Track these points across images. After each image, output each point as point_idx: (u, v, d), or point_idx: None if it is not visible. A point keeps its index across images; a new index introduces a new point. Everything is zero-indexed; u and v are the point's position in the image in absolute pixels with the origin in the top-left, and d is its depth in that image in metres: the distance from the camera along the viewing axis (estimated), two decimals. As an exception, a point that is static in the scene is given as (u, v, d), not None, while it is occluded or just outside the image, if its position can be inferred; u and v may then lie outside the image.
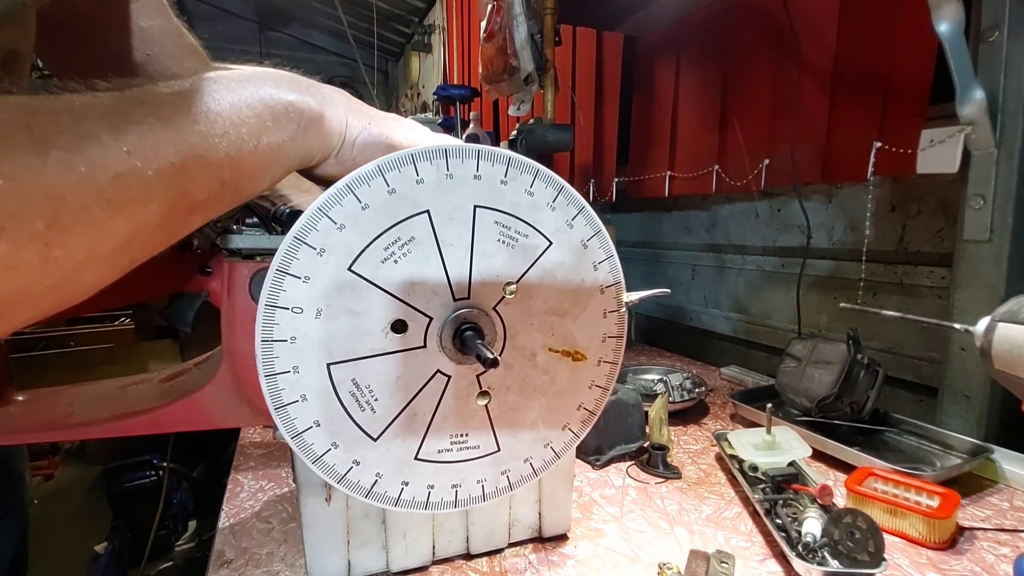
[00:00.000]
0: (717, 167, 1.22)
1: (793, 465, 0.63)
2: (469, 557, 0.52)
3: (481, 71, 1.25)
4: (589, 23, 1.45)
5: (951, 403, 0.79)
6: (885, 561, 0.47)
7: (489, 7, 1.15)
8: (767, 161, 1.10)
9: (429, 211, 0.37)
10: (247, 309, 0.38)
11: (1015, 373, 0.43)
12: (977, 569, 0.50)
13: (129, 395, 0.46)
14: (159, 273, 0.45)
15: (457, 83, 2.18)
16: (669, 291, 0.50)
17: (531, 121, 1.17)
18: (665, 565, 0.49)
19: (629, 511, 0.61)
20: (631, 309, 0.46)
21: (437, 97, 1.60)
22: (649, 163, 1.45)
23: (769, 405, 0.69)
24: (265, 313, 0.35)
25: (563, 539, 0.55)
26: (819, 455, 0.73)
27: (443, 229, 0.38)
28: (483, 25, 1.18)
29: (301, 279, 0.35)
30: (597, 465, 0.71)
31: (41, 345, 1.66)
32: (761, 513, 0.56)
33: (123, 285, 0.28)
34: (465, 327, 0.39)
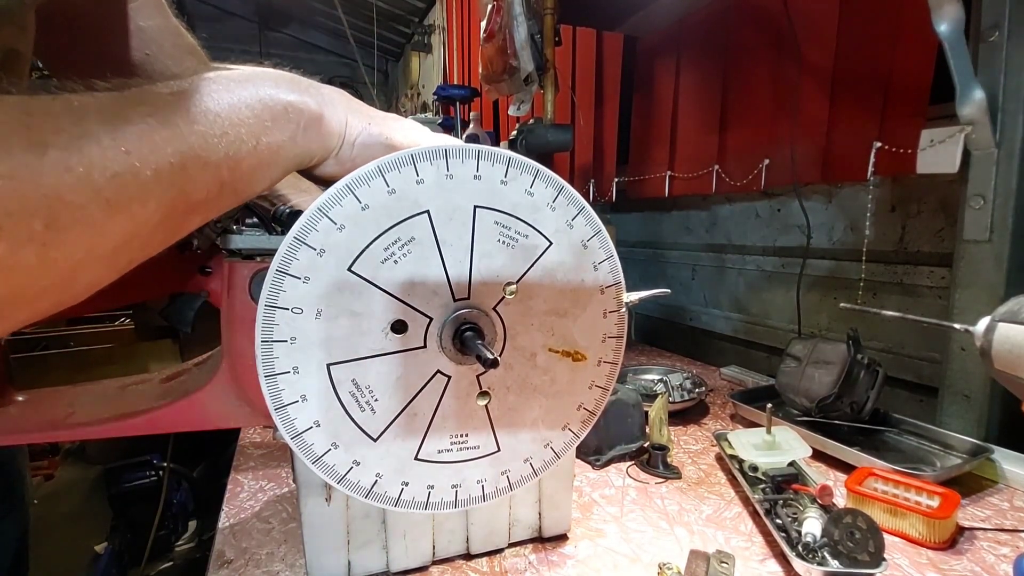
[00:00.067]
0: (717, 167, 1.22)
1: (793, 465, 0.63)
2: (469, 557, 0.52)
3: (481, 71, 1.25)
4: (589, 23, 1.45)
5: (951, 403, 0.79)
6: (885, 561, 0.47)
7: (489, 7, 1.15)
8: (767, 161, 1.10)
9: (429, 211, 0.37)
10: (247, 309, 0.38)
11: (1015, 373, 0.43)
12: (977, 569, 0.50)
13: (129, 395, 0.46)
14: (159, 273, 0.45)
15: (457, 83, 2.18)
16: (669, 291, 0.50)
17: (531, 121, 1.17)
18: (665, 565, 0.49)
19: (629, 511, 0.61)
20: (631, 309, 0.46)
21: (437, 97, 1.61)
22: (649, 163, 1.45)
23: (769, 405, 0.69)
24: (265, 313, 0.35)
25: (563, 539, 0.55)
26: (819, 455, 0.73)
27: (443, 229, 0.38)
28: (483, 25, 1.18)
29: (301, 279, 0.35)
30: (597, 465, 0.71)
31: (41, 345, 1.66)
32: (761, 513, 0.56)
33: (123, 285, 0.28)
34: (465, 327, 0.39)
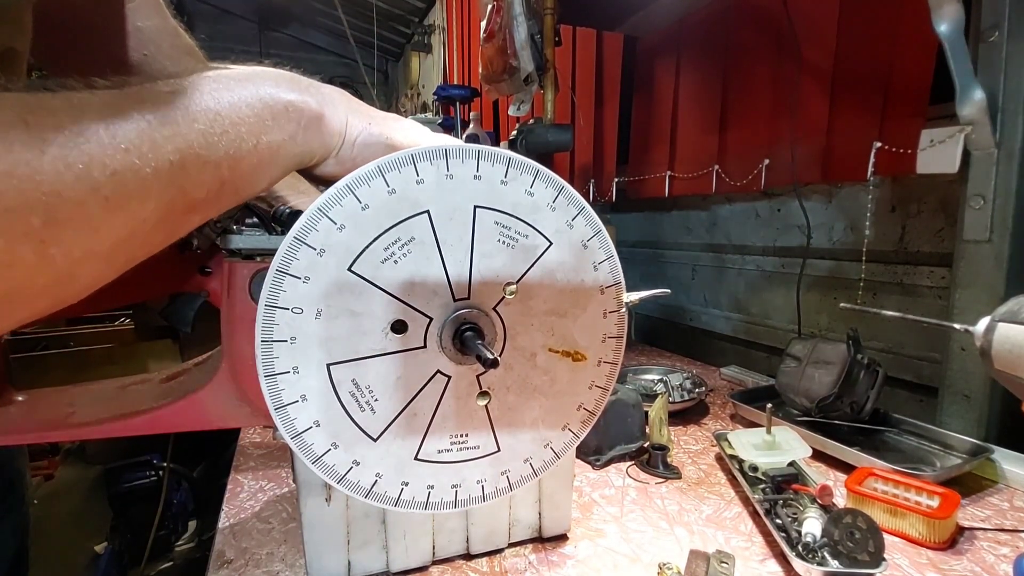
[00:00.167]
0: (717, 167, 1.22)
1: (793, 465, 0.63)
2: (469, 557, 0.52)
3: (481, 71, 1.25)
4: (589, 23, 1.45)
5: (951, 403, 0.79)
6: (885, 561, 0.47)
7: (489, 7, 1.15)
8: (767, 161, 1.10)
9: (429, 211, 0.37)
10: (247, 309, 0.38)
11: (1015, 373, 0.43)
12: (977, 569, 0.50)
13: (129, 395, 0.46)
14: (159, 273, 0.45)
15: (457, 83, 2.18)
16: (669, 291, 0.50)
17: (531, 121, 1.17)
18: (665, 565, 0.49)
19: (629, 511, 0.61)
20: (631, 309, 0.46)
21: (437, 97, 1.60)
22: (649, 163, 1.45)
23: (769, 405, 0.69)
24: (265, 313, 0.35)
25: (563, 539, 0.55)
26: (819, 455, 0.73)
27: (443, 229, 0.38)
28: (483, 25, 1.18)
29: (301, 279, 0.35)
30: (597, 465, 0.71)
31: (41, 345, 1.66)
32: (761, 513, 0.56)
33: (123, 285, 0.28)
34: (465, 327, 0.39)
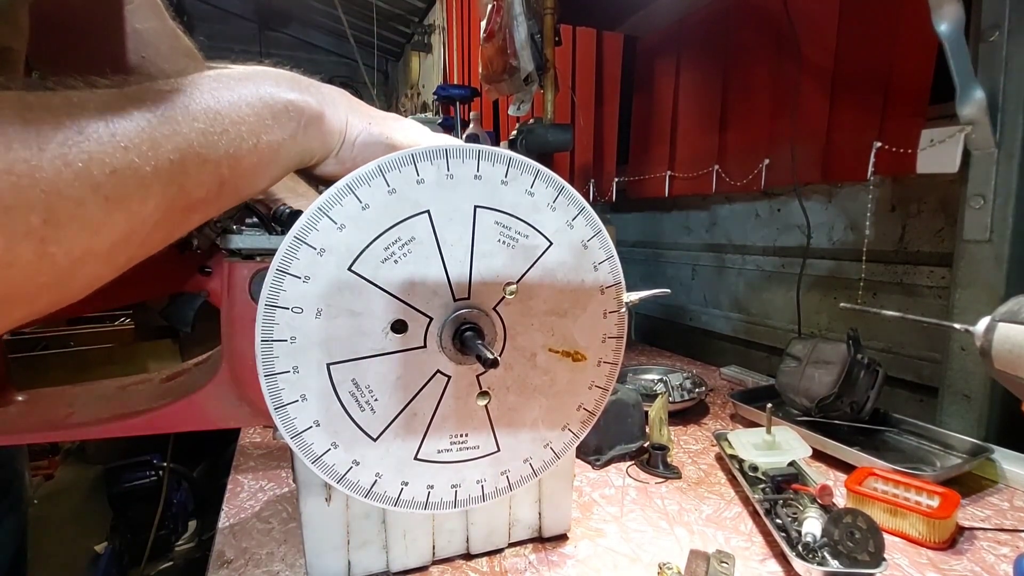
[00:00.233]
0: (717, 167, 1.22)
1: (793, 465, 0.63)
2: (469, 557, 0.52)
3: (481, 71, 1.25)
4: (589, 23, 1.45)
5: (951, 403, 0.79)
6: (885, 561, 0.47)
7: (489, 7, 1.15)
8: (767, 161, 1.10)
9: (429, 211, 0.37)
10: (247, 309, 0.38)
11: (1015, 373, 0.43)
12: (977, 569, 0.50)
13: (129, 395, 0.46)
14: (159, 273, 0.45)
15: (457, 83, 2.18)
16: (669, 291, 0.50)
17: (531, 121, 1.17)
18: (665, 565, 0.49)
19: (629, 511, 0.61)
20: (631, 309, 0.46)
21: (437, 97, 1.60)
22: (649, 163, 1.45)
23: (769, 405, 0.69)
24: (265, 313, 0.35)
25: (563, 539, 0.55)
26: (819, 455, 0.73)
27: (443, 229, 0.38)
28: (483, 25, 1.18)
29: (301, 279, 0.35)
30: (597, 465, 0.71)
31: (41, 345, 1.66)
32: (761, 513, 0.56)
33: (123, 285, 0.28)
34: (465, 327, 0.39)
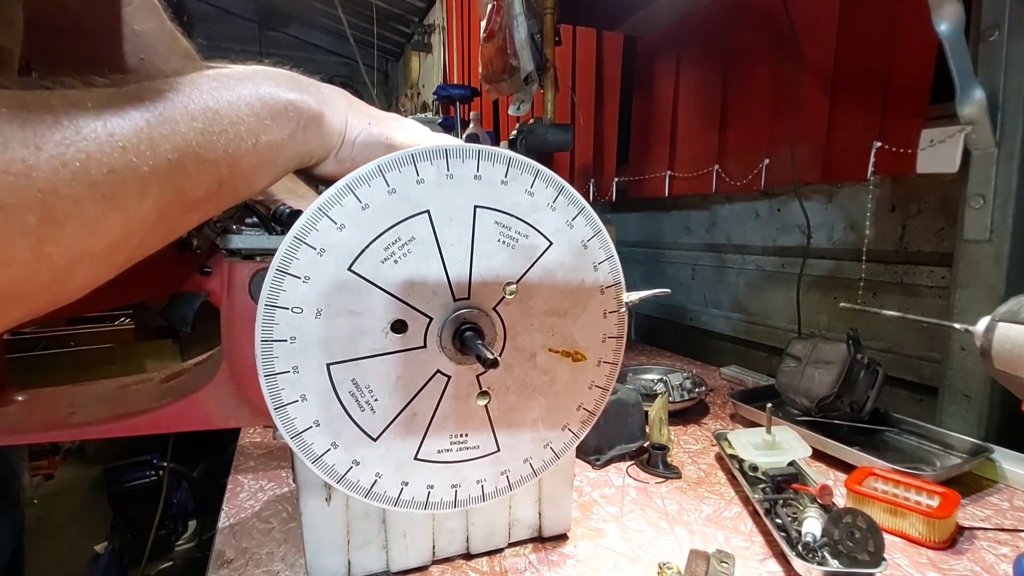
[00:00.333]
0: (717, 167, 1.22)
1: (793, 465, 0.63)
2: (469, 557, 0.52)
3: (481, 71, 1.25)
4: (589, 23, 1.45)
5: (951, 403, 0.79)
6: (885, 561, 0.47)
7: (489, 7, 1.15)
8: (767, 161, 1.10)
9: (429, 211, 0.37)
10: (247, 309, 0.38)
11: (1015, 373, 0.43)
12: (977, 569, 0.50)
13: (129, 395, 0.46)
14: (159, 273, 0.45)
15: (457, 83, 2.17)
16: (669, 291, 0.49)
17: (531, 121, 1.17)
18: (665, 565, 0.49)
19: (629, 511, 0.61)
20: (631, 309, 0.46)
21: (437, 97, 1.60)
22: (649, 163, 1.45)
23: (769, 405, 0.69)
24: (265, 313, 0.35)
25: (563, 539, 0.55)
26: (819, 455, 0.73)
27: (443, 229, 0.38)
28: (483, 25, 1.18)
29: (301, 279, 0.35)
30: (597, 465, 0.71)
31: (41, 345, 1.66)
32: (761, 513, 0.56)
33: (122, 285, 0.28)
34: (465, 327, 0.39)
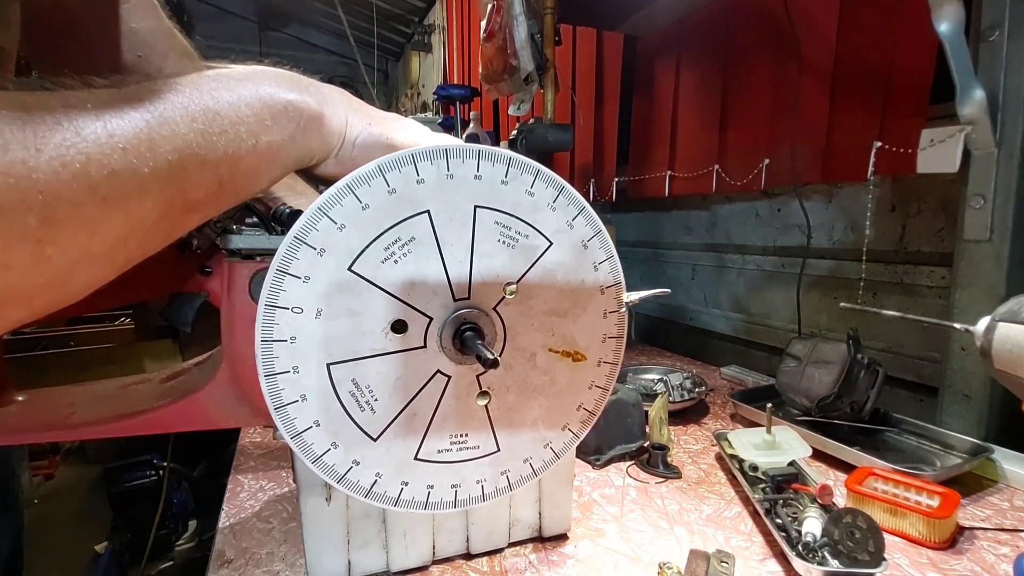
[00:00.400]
0: (717, 167, 1.22)
1: (793, 465, 0.63)
2: (469, 557, 0.52)
3: (481, 71, 1.25)
4: (589, 23, 1.45)
5: (951, 403, 0.79)
6: (885, 561, 0.47)
7: (489, 7, 1.15)
8: (767, 161, 1.10)
9: (429, 211, 0.37)
10: (247, 309, 0.38)
11: (1015, 373, 0.43)
12: (977, 569, 0.50)
13: (129, 395, 0.46)
14: (159, 273, 0.45)
15: (457, 83, 2.17)
16: (669, 291, 0.49)
17: (531, 121, 1.17)
18: (665, 565, 0.49)
19: (629, 511, 0.61)
20: (631, 309, 0.46)
21: (437, 97, 1.60)
22: (649, 163, 1.45)
23: (769, 405, 0.69)
24: (265, 313, 0.35)
25: (563, 539, 0.55)
26: (819, 455, 0.73)
27: (443, 229, 0.38)
28: (483, 25, 1.18)
29: (301, 279, 0.35)
30: (597, 465, 0.71)
31: (41, 345, 1.66)
32: (761, 513, 0.56)
33: (122, 285, 0.28)
34: (465, 327, 0.39)
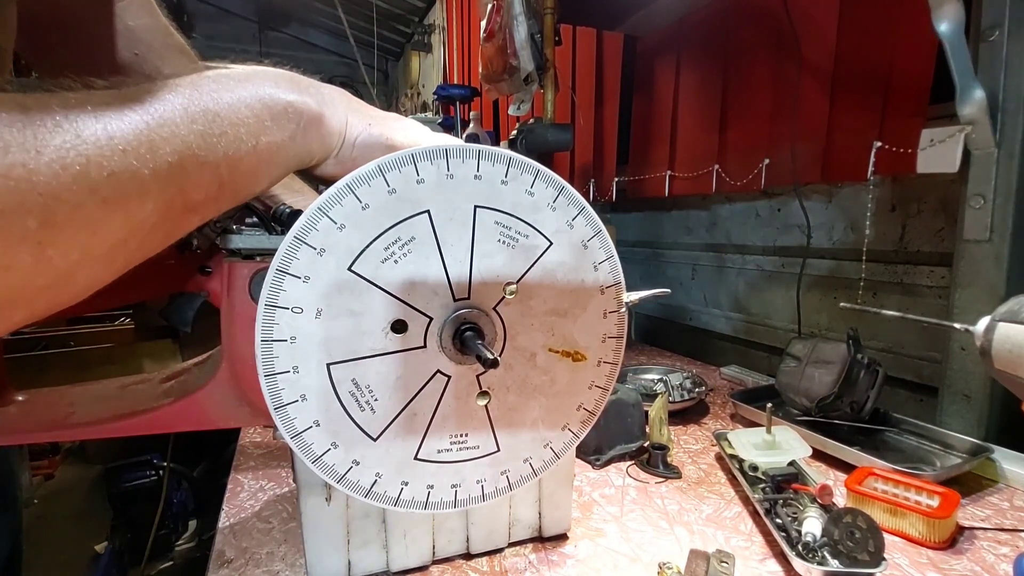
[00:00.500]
0: (717, 167, 1.22)
1: (793, 465, 0.63)
2: (469, 557, 0.52)
3: (481, 71, 1.25)
4: (589, 23, 1.45)
5: (951, 403, 0.79)
6: (885, 561, 0.47)
7: (489, 7, 1.15)
8: (767, 161, 1.10)
9: (429, 211, 0.37)
10: (247, 309, 0.38)
11: (1015, 373, 0.43)
12: (977, 569, 0.50)
13: (129, 395, 0.46)
14: (159, 273, 0.45)
15: (457, 83, 2.17)
16: (669, 291, 0.50)
17: (531, 121, 1.17)
18: (665, 565, 0.49)
19: (629, 511, 0.61)
20: (631, 309, 0.46)
21: (437, 97, 1.60)
22: (649, 163, 1.45)
23: (769, 405, 0.69)
24: (265, 313, 0.35)
25: (563, 539, 0.55)
26: (819, 455, 0.73)
27: (443, 229, 0.38)
28: (483, 25, 1.18)
29: (301, 279, 0.35)
30: (597, 465, 0.71)
31: (41, 345, 1.66)
32: (761, 513, 0.56)
33: (122, 285, 0.28)
34: (465, 327, 0.39)
